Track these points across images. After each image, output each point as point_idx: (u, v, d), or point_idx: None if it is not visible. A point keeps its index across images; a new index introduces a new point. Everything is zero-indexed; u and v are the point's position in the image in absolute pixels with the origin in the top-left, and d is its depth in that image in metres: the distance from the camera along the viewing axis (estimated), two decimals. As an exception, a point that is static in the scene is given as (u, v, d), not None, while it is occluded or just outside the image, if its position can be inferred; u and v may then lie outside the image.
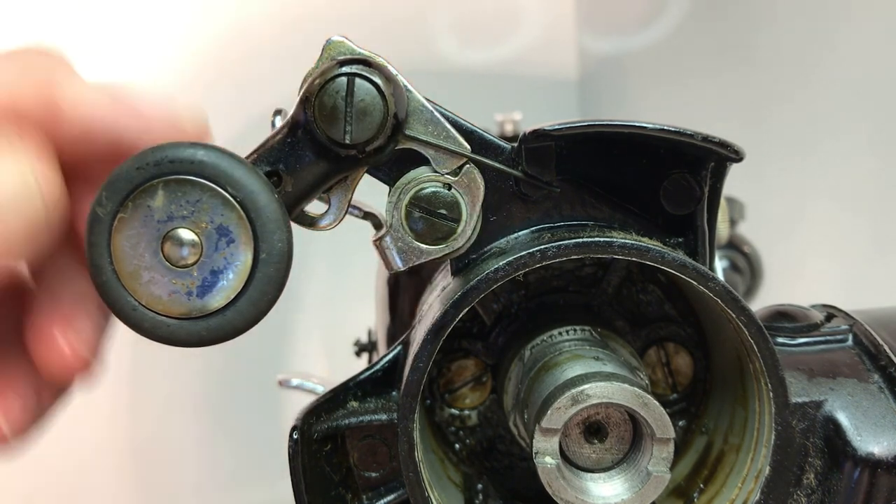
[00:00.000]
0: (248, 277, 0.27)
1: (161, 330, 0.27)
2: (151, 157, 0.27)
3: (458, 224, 0.30)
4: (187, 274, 0.27)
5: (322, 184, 0.29)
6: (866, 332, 0.32)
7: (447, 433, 0.37)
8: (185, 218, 0.27)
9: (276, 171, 0.29)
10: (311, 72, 0.28)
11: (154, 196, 0.27)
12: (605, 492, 0.29)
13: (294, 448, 0.30)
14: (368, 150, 0.28)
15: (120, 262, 0.27)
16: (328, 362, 0.99)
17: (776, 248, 0.70)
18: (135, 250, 0.27)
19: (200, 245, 0.27)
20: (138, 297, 0.27)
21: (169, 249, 0.27)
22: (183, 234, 0.27)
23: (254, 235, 0.27)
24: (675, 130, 0.29)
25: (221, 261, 0.27)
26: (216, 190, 0.27)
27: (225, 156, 0.27)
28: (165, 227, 0.27)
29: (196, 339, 0.28)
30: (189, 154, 0.27)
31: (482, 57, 1.07)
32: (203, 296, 0.27)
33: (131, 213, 0.27)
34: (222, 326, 0.28)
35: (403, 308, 0.51)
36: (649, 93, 0.99)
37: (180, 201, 0.27)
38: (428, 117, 0.29)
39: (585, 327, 0.34)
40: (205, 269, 0.27)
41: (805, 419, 0.30)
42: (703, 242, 0.31)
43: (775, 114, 0.80)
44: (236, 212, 0.27)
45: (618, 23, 1.05)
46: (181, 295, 0.27)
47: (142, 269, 0.27)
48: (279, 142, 0.29)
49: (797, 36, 0.76)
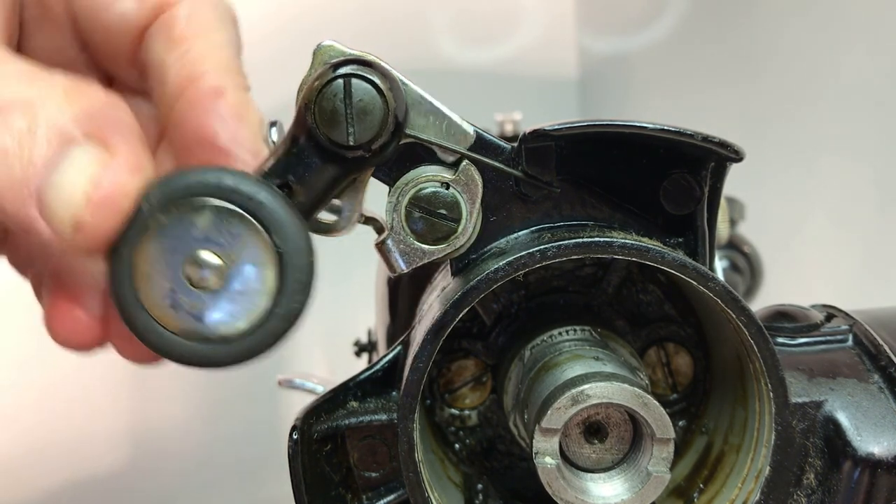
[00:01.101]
0: (257, 325, 0.27)
1: (151, 335, 0.27)
2: (214, 178, 0.27)
3: (458, 224, 0.30)
4: (198, 296, 0.27)
5: (333, 188, 0.29)
6: (866, 332, 0.32)
7: (447, 433, 0.37)
8: (220, 246, 0.27)
9: (287, 182, 0.29)
10: (305, 79, 0.28)
11: (201, 215, 0.26)
12: (605, 492, 0.29)
13: (294, 448, 0.30)
14: (374, 149, 0.28)
15: (140, 259, 0.27)
16: (328, 362, 0.99)
17: (776, 249, 0.70)
18: (159, 255, 0.27)
19: (223, 275, 0.27)
20: (143, 298, 0.27)
21: (191, 268, 0.27)
22: (210, 259, 0.27)
23: (279, 289, 0.27)
24: (675, 130, 0.29)
25: (237, 298, 0.27)
26: (262, 233, 0.27)
27: (284, 205, 0.27)
28: (198, 246, 0.27)
29: (178, 357, 0.28)
30: (251, 190, 0.27)
31: (482, 57, 1.07)
32: (203, 321, 0.27)
33: (172, 221, 0.26)
34: (209, 356, 0.28)
35: (403, 308, 0.51)
36: (649, 93, 0.99)
37: (223, 229, 0.27)
38: (427, 108, 0.29)
39: (585, 327, 0.34)
40: (216, 299, 0.27)
41: (805, 419, 0.30)
42: (703, 242, 0.31)
43: (776, 113, 0.79)
44: (272, 260, 0.27)
45: (618, 23, 1.05)
46: (184, 312, 0.27)
47: (158, 274, 0.27)
48: (285, 153, 0.29)
49: (798, 36, 0.76)
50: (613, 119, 0.30)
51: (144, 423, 0.97)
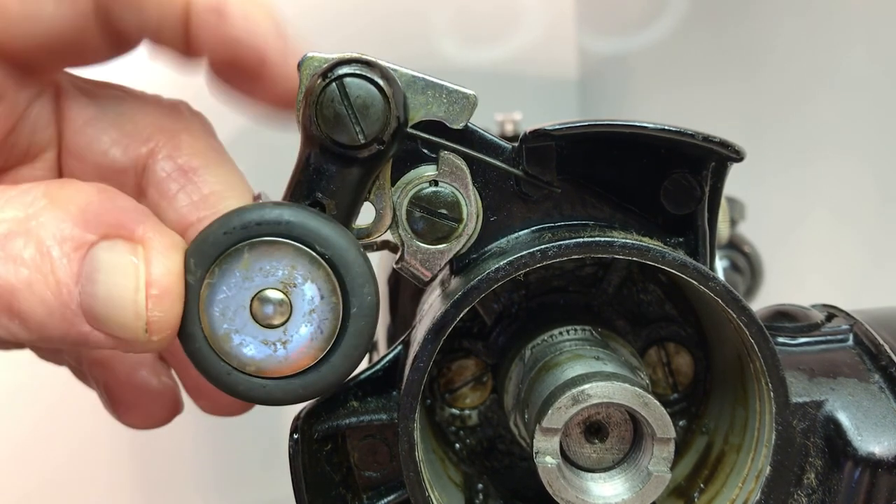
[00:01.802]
0: (340, 332, 0.27)
1: (257, 392, 0.28)
2: (238, 221, 0.27)
3: (458, 224, 0.30)
4: (278, 333, 0.27)
5: (361, 191, 0.29)
6: (867, 331, 0.32)
7: (447, 433, 0.37)
8: (273, 278, 0.27)
9: (316, 200, 0.29)
10: (299, 97, 0.28)
11: (240, 259, 0.27)
12: (606, 492, 0.29)
13: (294, 448, 0.30)
14: (387, 140, 0.28)
15: (209, 327, 0.27)
16: (328, 362, 0.98)
17: (777, 248, 0.70)
18: (224, 314, 0.27)
19: (289, 304, 0.27)
20: (230, 360, 0.27)
21: (257, 310, 0.27)
22: (271, 295, 0.27)
23: (342, 291, 0.27)
24: (676, 130, 0.29)
25: (312, 318, 0.27)
26: (303, 249, 0.27)
27: (311, 215, 0.27)
28: (253, 288, 0.27)
29: (293, 396, 0.28)
30: (276, 215, 0.27)
31: (482, 56, 1.07)
32: (295, 354, 0.27)
33: (218, 278, 0.27)
34: (317, 382, 0.28)
35: (403, 308, 0.51)
36: (650, 93, 0.99)
37: (266, 263, 0.27)
38: (422, 84, 0.29)
39: (586, 327, 0.34)
40: (295, 327, 0.27)
41: (805, 419, 0.30)
42: (703, 242, 0.31)
43: (776, 113, 0.79)
44: (324, 269, 0.27)
45: (618, 23, 1.05)
46: (273, 355, 0.27)
47: (231, 332, 0.27)
48: (303, 174, 0.29)
49: (797, 35, 0.76)
50: (614, 119, 0.30)
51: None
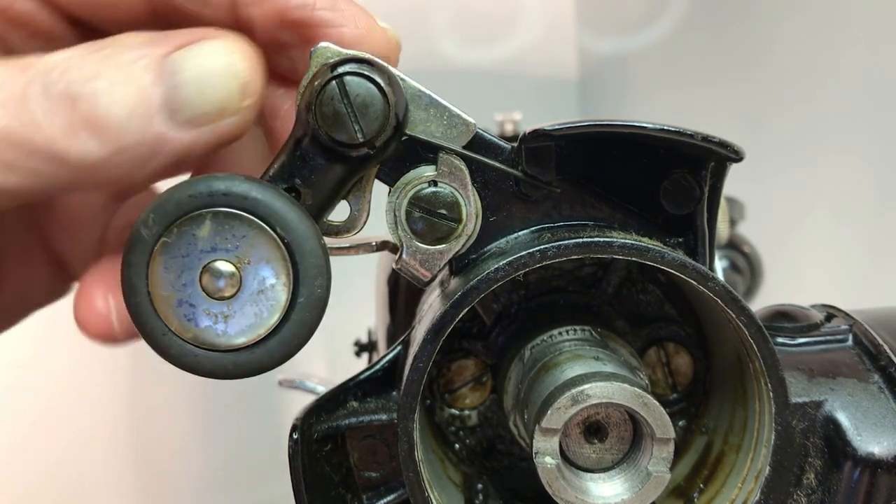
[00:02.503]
0: (283, 318, 0.27)
1: (188, 359, 0.27)
2: (205, 187, 0.27)
3: (457, 224, 0.30)
4: (222, 307, 0.27)
5: (340, 189, 0.29)
6: (866, 332, 0.32)
7: (447, 433, 0.37)
8: (228, 251, 0.27)
9: (294, 186, 0.29)
10: (304, 83, 0.28)
11: (201, 226, 0.26)
12: (606, 492, 0.29)
13: (294, 448, 0.30)
14: (378, 145, 0.28)
15: (156, 285, 0.27)
16: (328, 362, 0.99)
17: (776, 248, 0.70)
18: (173, 276, 0.27)
19: (240, 280, 0.27)
20: (169, 322, 0.27)
21: (207, 280, 0.27)
22: (223, 268, 0.27)
23: (295, 278, 0.27)
24: (675, 130, 0.29)
25: (259, 298, 0.27)
26: (265, 229, 0.27)
27: (279, 196, 0.27)
28: (207, 257, 0.27)
29: (221, 371, 0.28)
30: (245, 189, 0.27)
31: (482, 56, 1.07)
32: (234, 331, 0.27)
33: (175, 239, 0.26)
34: (249, 362, 0.28)
35: (403, 308, 0.51)
36: (649, 93, 0.99)
37: (226, 234, 0.27)
38: (427, 101, 0.29)
39: (585, 327, 0.34)
40: (240, 304, 0.27)
41: (805, 419, 0.30)
42: (702, 242, 0.31)
43: (776, 113, 0.79)
44: (281, 253, 0.27)
45: (618, 23, 1.05)
46: (212, 327, 0.27)
47: (176, 295, 0.27)
48: (289, 157, 0.29)
49: (797, 35, 0.76)
50: (613, 119, 0.30)
51: (143, 423, 0.97)
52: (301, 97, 0.28)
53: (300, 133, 0.28)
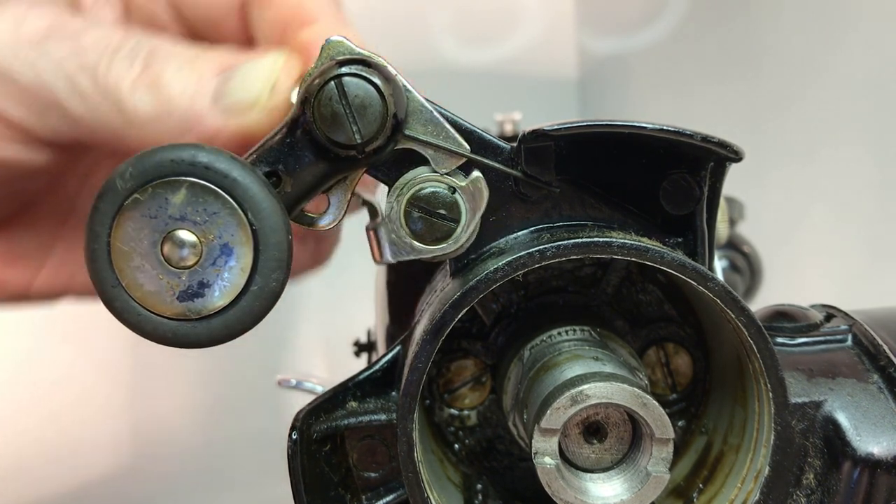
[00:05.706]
0: (233, 302, 0.27)
1: (130, 316, 0.27)
2: (189, 155, 0.27)
3: (456, 224, 0.30)
4: (176, 275, 0.27)
5: (321, 184, 0.29)
6: (866, 332, 0.32)
7: (446, 433, 0.37)
8: (196, 224, 0.27)
9: (276, 171, 0.29)
10: (310, 71, 0.28)
11: (176, 192, 0.26)
12: (605, 492, 0.29)
13: (293, 448, 0.30)
14: (368, 151, 0.28)
15: (117, 238, 0.27)
16: (328, 362, 0.99)
17: (776, 248, 0.70)
18: (136, 234, 0.27)
19: (200, 254, 0.27)
20: (121, 277, 0.27)
21: (169, 247, 0.27)
22: (187, 237, 0.27)
23: (254, 266, 0.27)
24: (675, 130, 0.29)
25: (213, 276, 0.27)
26: (237, 211, 0.27)
27: (259, 182, 0.27)
28: (174, 224, 0.27)
29: (159, 336, 0.28)
30: (226, 167, 0.27)
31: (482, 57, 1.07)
32: (182, 301, 0.27)
33: (147, 199, 0.26)
34: (188, 335, 0.28)
35: (403, 308, 0.51)
36: (649, 93, 0.99)
37: (199, 207, 0.27)
38: (427, 117, 0.29)
39: (585, 327, 0.34)
40: (195, 277, 0.27)
41: (804, 419, 0.30)
42: (702, 242, 0.31)
43: (776, 113, 0.79)
44: (247, 238, 0.27)
45: (618, 23, 1.05)
46: (161, 292, 0.27)
47: (134, 253, 0.27)
48: (278, 142, 0.29)
49: (796, 34, 0.76)
50: (613, 119, 0.30)
51: (143, 424, 0.97)
52: (302, 86, 0.28)
53: (294, 122, 0.28)
